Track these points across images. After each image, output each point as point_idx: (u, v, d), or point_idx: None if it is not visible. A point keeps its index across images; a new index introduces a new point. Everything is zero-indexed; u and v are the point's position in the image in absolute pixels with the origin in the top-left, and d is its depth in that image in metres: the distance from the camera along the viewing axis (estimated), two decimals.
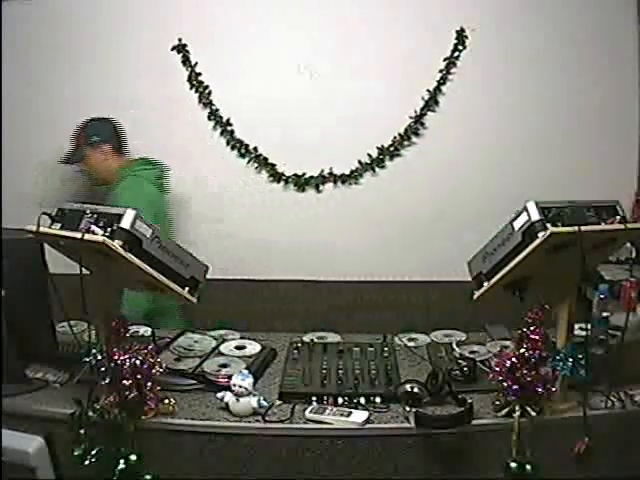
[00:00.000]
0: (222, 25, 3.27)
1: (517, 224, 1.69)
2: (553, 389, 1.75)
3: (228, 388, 1.82)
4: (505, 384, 1.75)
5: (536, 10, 3.23)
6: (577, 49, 3.22)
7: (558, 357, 1.76)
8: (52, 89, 3.32)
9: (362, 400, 1.85)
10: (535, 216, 1.65)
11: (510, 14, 3.23)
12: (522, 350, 1.73)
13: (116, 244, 1.64)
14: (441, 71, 3.26)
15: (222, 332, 2.41)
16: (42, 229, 1.73)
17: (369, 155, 3.32)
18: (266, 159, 3.35)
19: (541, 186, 3.05)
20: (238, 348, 2.24)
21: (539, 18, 3.22)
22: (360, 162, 3.34)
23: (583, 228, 1.63)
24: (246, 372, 1.85)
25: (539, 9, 3.23)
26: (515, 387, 1.72)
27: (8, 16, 3.23)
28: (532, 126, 3.28)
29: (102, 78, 3.29)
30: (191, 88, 3.31)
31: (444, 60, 3.26)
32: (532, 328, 1.75)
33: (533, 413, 1.73)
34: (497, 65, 3.26)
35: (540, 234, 1.62)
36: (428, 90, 3.27)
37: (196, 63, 3.29)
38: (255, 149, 3.34)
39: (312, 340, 2.33)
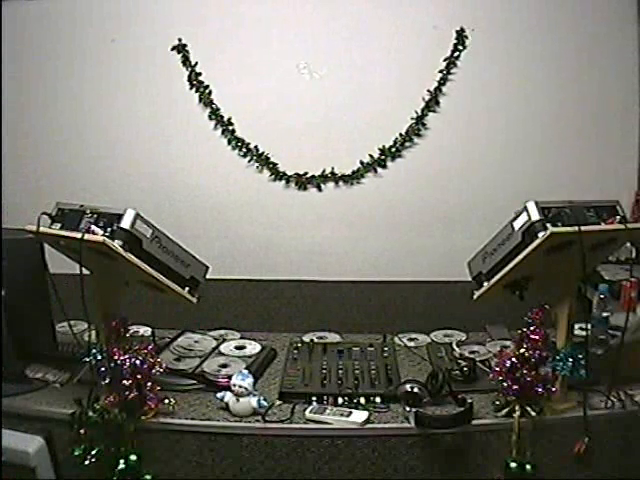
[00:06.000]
0: (222, 25, 3.27)
1: (517, 224, 1.69)
2: (553, 389, 1.75)
3: (228, 388, 1.82)
4: (505, 384, 1.75)
5: (536, 10, 3.22)
6: (577, 49, 3.22)
7: (558, 357, 1.76)
8: (51, 89, 3.32)
9: (362, 400, 1.85)
10: (535, 216, 1.65)
11: (510, 14, 3.23)
12: (522, 350, 1.74)
13: (116, 244, 1.64)
14: (441, 71, 3.26)
15: (222, 332, 2.41)
16: (42, 229, 1.73)
17: (370, 155, 3.32)
18: (267, 158, 3.34)
19: (541, 186, 3.06)
20: (238, 348, 2.24)
21: (539, 18, 3.22)
22: (362, 162, 3.33)
23: (583, 228, 1.63)
24: (246, 372, 1.85)
25: (539, 9, 3.22)
26: (515, 387, 1.73)
27: (8, 16, 3.23)
28: (532, 126, 3.28)
29: (102, 78, 3.29)
30: (191, 88, 3.30)
31: (444, 60, 3.25)
32: (532, 328, 1.75)
33: (533, 413, 1.73)
34: (497, 65, 3.26)
35: (540, 234, 1.62)
36: (429, 90, 3.27)
37: (196, 63, 3.29)
38: (256, 148, 3.34)
39: (312, 340, 2.33)
